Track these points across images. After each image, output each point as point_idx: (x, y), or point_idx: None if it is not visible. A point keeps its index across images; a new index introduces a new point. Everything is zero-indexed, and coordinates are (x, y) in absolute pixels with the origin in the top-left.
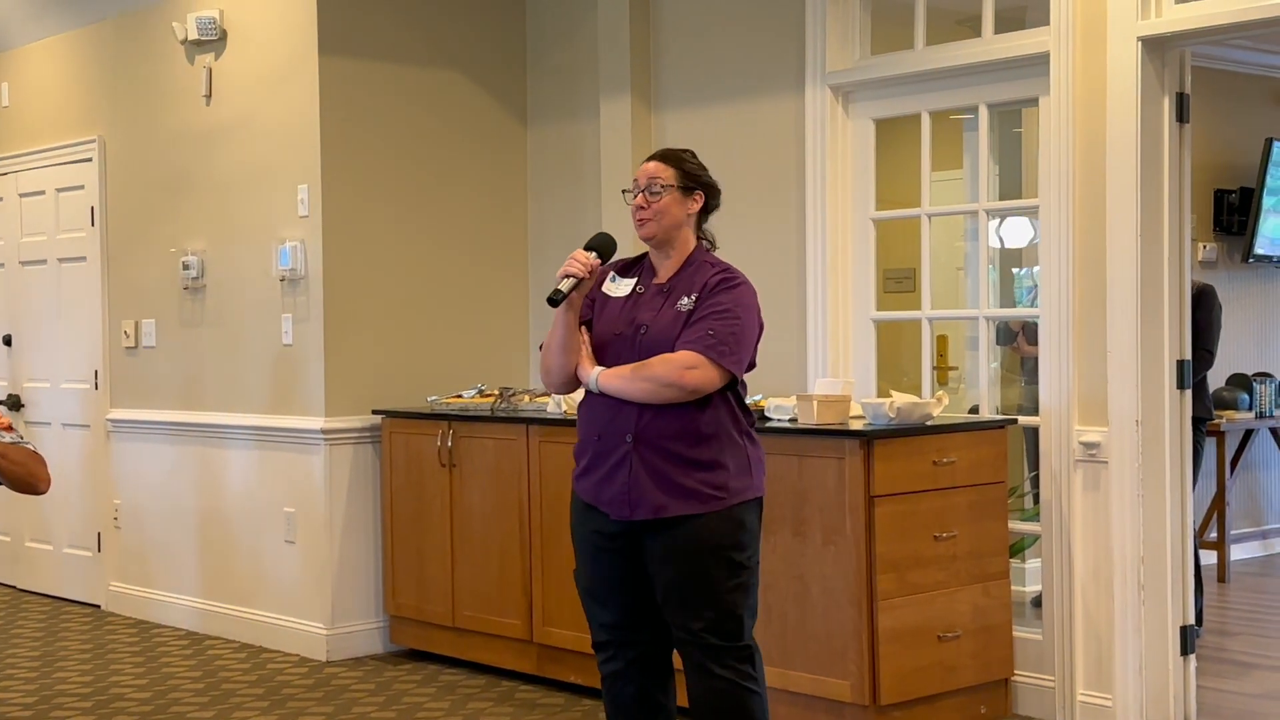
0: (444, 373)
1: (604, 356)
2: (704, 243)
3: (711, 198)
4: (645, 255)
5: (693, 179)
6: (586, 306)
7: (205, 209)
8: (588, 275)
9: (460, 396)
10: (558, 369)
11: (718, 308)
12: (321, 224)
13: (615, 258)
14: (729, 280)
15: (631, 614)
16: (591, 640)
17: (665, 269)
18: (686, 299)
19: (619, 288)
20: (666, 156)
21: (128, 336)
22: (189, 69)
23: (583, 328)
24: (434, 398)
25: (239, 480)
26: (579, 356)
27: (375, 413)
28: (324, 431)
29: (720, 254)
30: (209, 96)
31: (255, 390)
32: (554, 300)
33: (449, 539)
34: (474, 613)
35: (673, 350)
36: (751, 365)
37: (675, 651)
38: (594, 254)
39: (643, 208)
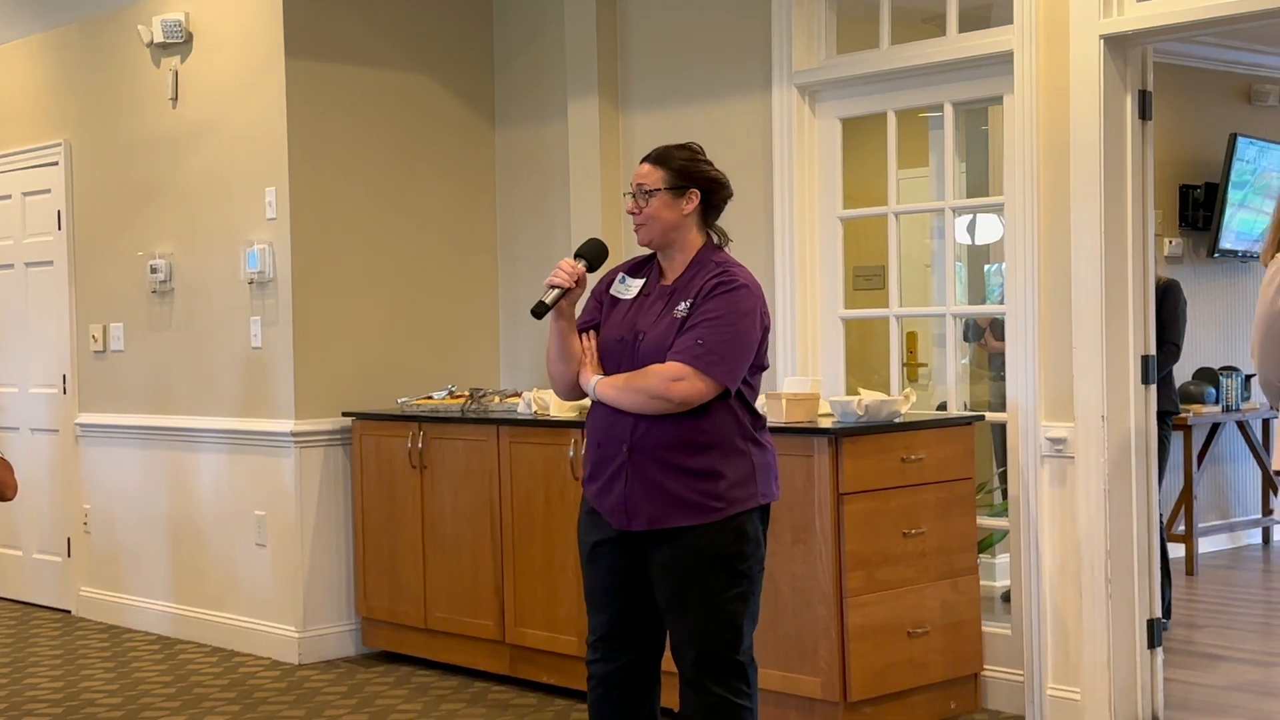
0: (414, 374)
1: (607, 362)
2: (713, 239)
3: (712, 192)
4: (655, 254)
5: (685, 177)
6: (595, 309)
7: (172, 212)
8: (574, 285)
9: (430, 398)
10: (559, 377)
11: (710, 315)
12: (289, 227)
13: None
14: (726, 284)
15: (626, 620)
16: (588, 640)
17: (672, 270)
18: (684, 304)
19: (627, 290)
20: (657, 157)
21: (96, 340)
22: (155, 72)
23: (590, 332)
24: (404, 399)
25: (209, 484)
26: (579, 364)
27: (345, 415)
28: (294, 434)
29: None
30: (175, 99)
31: (225, 393)
32: (537, 312)
33: (420, 541)
34: (446, 614)
35: (664, 359)
36: (763, 366)
37: (664, 659)
38: (582, 262)
39: (634, 213)
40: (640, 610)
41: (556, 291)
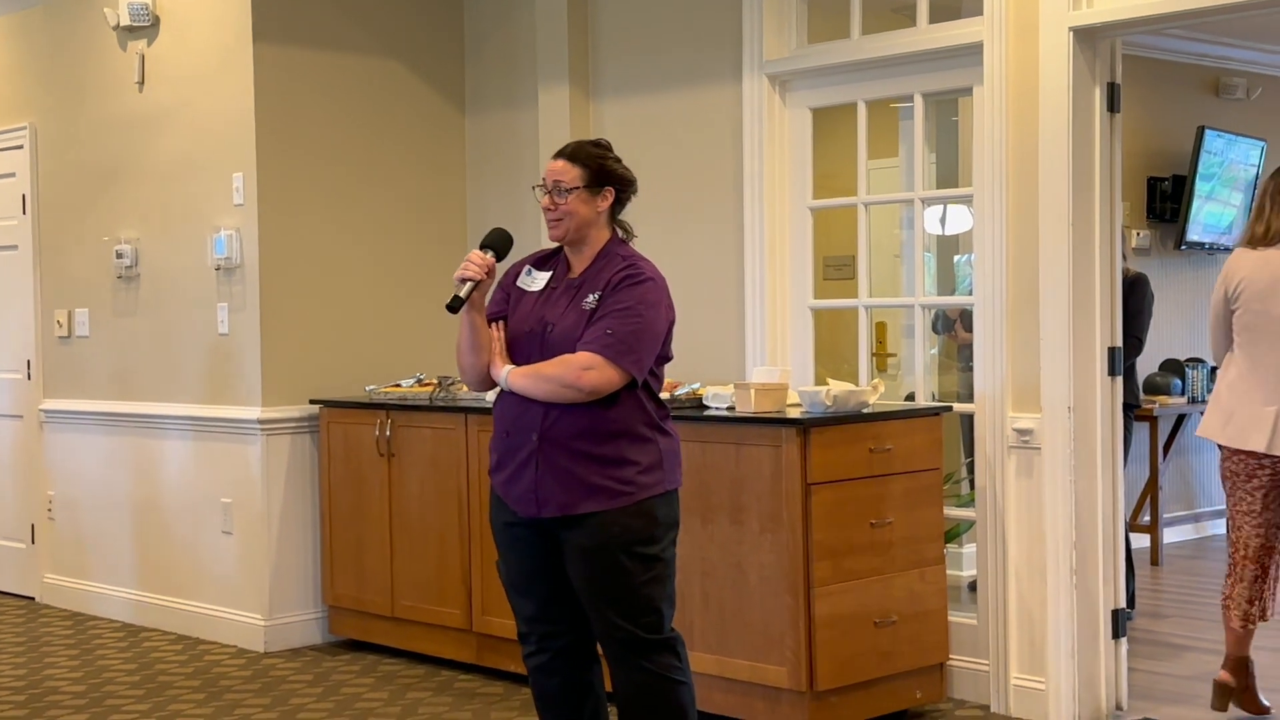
0: (382, 362)
1: (515, 353)
2: (619, 233)
3: (623, 190)
4: (561, 247)
5: (601, 176)
6: (502, 300)
7: (139, 197)
8: (485, 276)
9: (399, 386)
10: (470, 368)
11: (619, 306)
12: (257, 212)
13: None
14: (633, 276)
15: (552, 605)
16: (518, 634)
17: (578, 263)
18: (592, 296)
19: (534, 282)
20: (573, 154)
21: (60, 326)
22: (121, 55)
23: (499, 323)
24: (372, 387)
25: (175, 471)
26: (490, 354)
27: (313, 402)
28: (261, 421)
29: (659, 243)
30: (142, 83)
31: (191, 380)
32: (453, 307)
33: (387, 529)
34: (413, 602)
35: (574, 349)
36: (667, 357)
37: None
38: (490, 253)
39: (550, 209)
40: (564, 591)
41: (469, 284)
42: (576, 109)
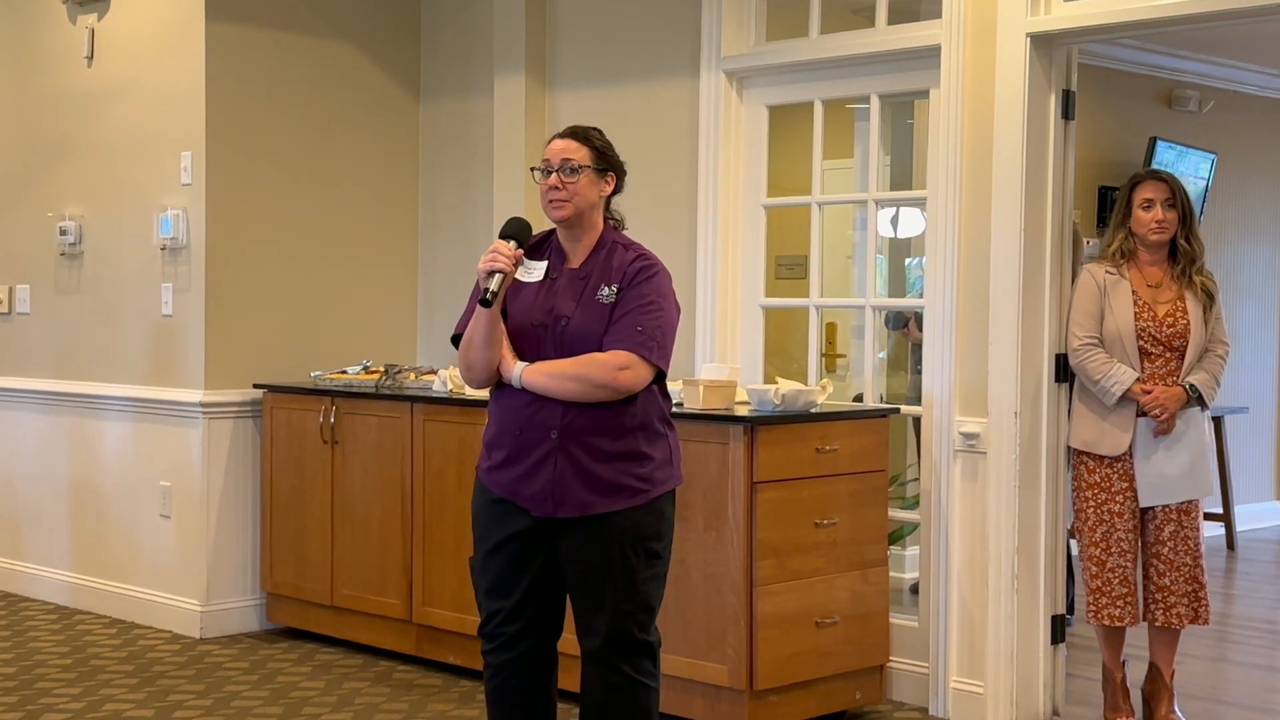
0: (328, 348)
1: (522, 348)
2: (611, 222)
3: (620, 178)
4: (552, 234)
5: (606, 160)
6: None
7: (85, 173)
8: (513, 267)
9: (345, 372)
10: (482, 365)
11: (642, 300)
12: (205, 192)
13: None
14: (649, 268)
15: (527, 607)
16: (481, 629)
17: (577, 252)
18: (607, 289)
19: (531, 272)
20: (576, 134)
21: (1, 303)
22: (71, 29)
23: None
24: (317, 373)
25: (114, 452)
26: (502, 349)
27: (256, 386)
28: (203, 404)
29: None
30: (91, 58)
31: (133, 361)
32: (487, 302)
33: (329, 516)
34: (353, 592)
35: (599, 345)
36: None
37: (562, 642)
38: (513, 243)
39: (558, 188)
40: (542, 595)
41: (499, 277)
42: (532, 98)
